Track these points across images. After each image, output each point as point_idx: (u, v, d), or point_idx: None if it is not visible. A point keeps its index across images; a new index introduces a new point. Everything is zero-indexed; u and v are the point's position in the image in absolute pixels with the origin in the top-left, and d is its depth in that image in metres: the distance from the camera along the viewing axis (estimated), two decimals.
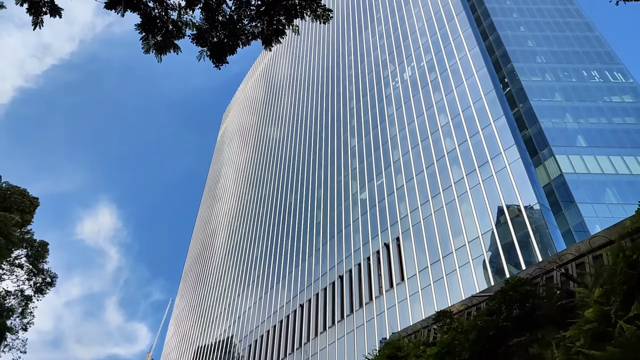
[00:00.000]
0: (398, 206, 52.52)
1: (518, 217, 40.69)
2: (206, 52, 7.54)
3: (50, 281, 39.50)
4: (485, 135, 47.84)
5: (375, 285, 49.77)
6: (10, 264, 40.12)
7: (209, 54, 7.53)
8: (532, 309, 7.41)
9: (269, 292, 69.68)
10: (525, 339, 6.87)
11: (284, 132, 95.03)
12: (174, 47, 7.65)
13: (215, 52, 7.42)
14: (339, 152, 69.06)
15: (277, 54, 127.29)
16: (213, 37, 7.39)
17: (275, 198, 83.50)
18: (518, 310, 7.56)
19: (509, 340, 7.20)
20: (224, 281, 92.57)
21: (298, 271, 64.22)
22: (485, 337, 7.58)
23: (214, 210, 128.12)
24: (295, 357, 56.52)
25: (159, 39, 7.60)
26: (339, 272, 56.07)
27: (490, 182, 44.44)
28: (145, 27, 7.49)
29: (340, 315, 52.44)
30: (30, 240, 40.28)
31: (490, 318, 7.86)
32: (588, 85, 56.80)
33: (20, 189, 37.34)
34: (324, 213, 65.11)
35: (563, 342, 6.17)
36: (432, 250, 45.62)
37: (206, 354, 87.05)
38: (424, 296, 43.38)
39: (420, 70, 61.43)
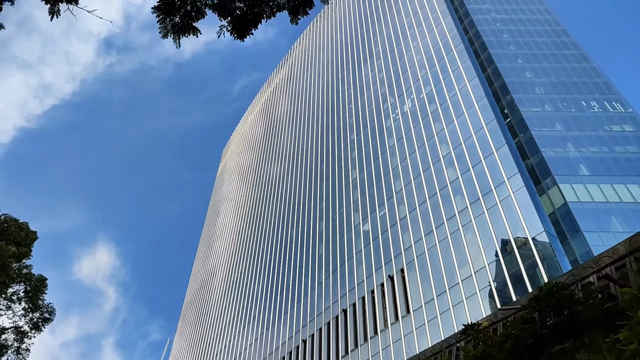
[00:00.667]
0: (401, 237, 51.80)
1: (524, 246, 40.00)
2: (227, 27, 7.16)
3: (48, 317, 38.34)
4: (487, 164, 47.61)
5: (380, 319, 48.53)
6: (8, 300, 39.10)
7: (229, 28, 7.14)
8: (572, 314, 6.84)
9: (271, 328, 68.04)
10: (569, 346, 6.30)
11: (283, 167, 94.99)
12: (192, 30, 7.28)
13: (237, 25, 7.03)
14: (340, 184, 68.73)
15: (278, 88, 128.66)
16: (235, 9, 7.03)
17: (276, 233, 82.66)
18: (556, 317, 6.99)
19: (550, 348, 6.61)
20: (224, 318, 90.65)
21: (300, 306, 62.86)
22: (522, 347, 6.98)
23: (212, 247, 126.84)
24: None
25: (177, 20, 7.24)
26: (342, 306, 54.83)
27: (495, 211, 43.93)
28: (163, 8, 7.14)
29: (344, 350, 50.94)
30: (29, 275, 39.36)
31: (525, 326, 7.29)
32: (588, 115, 57.00)
33: (19, 222, 36.67)
34: (325, 246, 64.24)
35: (614, 345, 5.62)
36: (437, 282, 44.68)
37: None
38: (431, 329, 42.20)
39: (420, 102, 61.75)
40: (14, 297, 39.87)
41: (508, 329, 7.65)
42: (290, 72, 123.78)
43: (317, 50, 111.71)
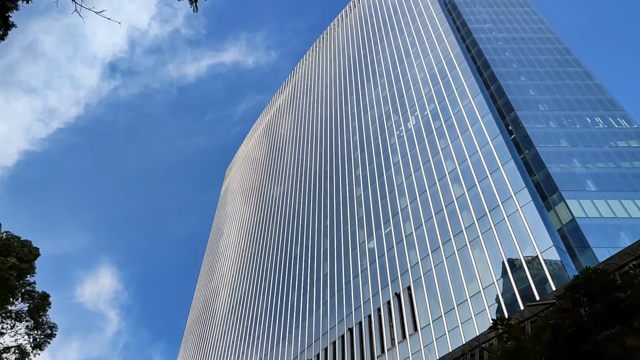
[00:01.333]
0: (408, 254, 51.21)
1: (533, 261, 39.42)
2: None
3: (50, 333, 37.72)
4: (494, 179, 47.29)
5: (388, 338, 47.64)
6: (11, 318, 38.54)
7: None
8: (614, 301, 6.47)
9: (275, 349, 66.92)
10: (616, 332, 5.92)
11: (287, 186, 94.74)
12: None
13: None
14: (344, 202, 68.33)
15: (280, 110, 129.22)
16: None
17: (279, 252, 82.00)
18: (596, 305, 6.61)
19: (593, 336, 6.22)
20: (227, 339, 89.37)
21: (305, 325, 61.90)
22: (562, 336, 6.57)
23: (215, 268, 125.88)
24: None
25: None
26: (348, 325, 53.94)
27: (503, 226, 43.44)
28: None
29: None
30: (32, 292, 38.88)
31: (565, 314, 6.88)
32: (593, 132, 56.87)
33: (21, 239, 36.30)
34: (330, 264, 63.57)
35: None
36: (445, 299, 43.96)
37: None
38: (440, 346, 41.34)
39: (424, 119, 61.74)
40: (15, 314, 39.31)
41: (546, 319, 7.23)
42: (293, 93, 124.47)
43: (320, 70, 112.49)
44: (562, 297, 7.39)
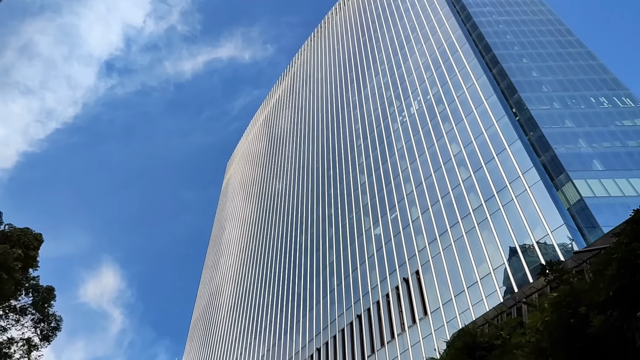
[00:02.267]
0: (415, 239, 50.73)
1: (544, 240, 38.96)
2: None
3: (56, 325, 37.27)
4: (500, 160, 46.77)
5: (397, 323, 47.24)
6: (16, 313, 38.10)
7: None
8: None
9: (283, 339, 66.58)
10: None
11: (289, 178, 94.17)
12: None
13: None
14: (349, 190, 67.83)
15: (278, 102, 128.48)
16: None
17: (283, 243, 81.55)
18: None
19: None
20: (233, 333, 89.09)
21: (313, 314, 61.52)
22: (632, 268, 6.06)
23: (219, 264, 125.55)
24: None
25: None
26: (356, 312, 53.55)
27: (511, 207, 42.95)
28: None
29: (360, 356, 49.56)
30: (36, 285, 38.43)
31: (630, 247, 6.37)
32: (598, 111, 56.34)
33: (22, 228, 35.72)
34: (336, 252, 63.11)
35: None
36: (455, 282, 43.51)
37: None
38: (451, 330, 40.89)
39: (427, 103, 61.13)
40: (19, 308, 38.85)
41: (606, 255, 6.70)
42: (291, 85, 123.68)
43: (318, 60, 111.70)
44: (621, 234, 6.88)
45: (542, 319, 7.18)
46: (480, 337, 9.55)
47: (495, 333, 8.91)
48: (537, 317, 7.22)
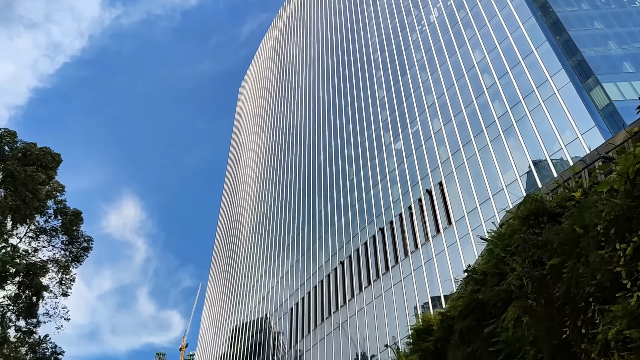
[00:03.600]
0: (437, 151, 49.87)
1: (573, 143, 37.83)
2: None
3: (86, 245, 37.98)
4: (527, 64, 44.74)
5: (421, 233, 47.43)
6: (46, 234, 38.73)
7: None
8: None
9: (305, 255, 67.90)
10: None
11: (303, 98, 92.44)
12: None
13: None
14: (367, 106, 66.36)
15: (288, 21, 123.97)
16: None
17: (302, 162, 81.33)
18: None
19: None
20: (256, 254, 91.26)
21: (334, 230, 62.19)
22: None
23: (237, 188, 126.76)
24: (343, 312, 54.80)
25: None
26: (379, 225, 53.84)
27: (539, 112, 41.50)
28: None
29: (384, 267, 50.34)
30: (64, 209, 38.82)
31: None
32: (629, 11, 53.19)
33: (38, 146, 35.48)
34: (356, 170, 62.75)
35: None
36: (480, 190, 43.02)
37: (242, 332, 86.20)
38: (476, 238, 40.90)
39: (447, 10, 58.09)
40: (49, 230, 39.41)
41: None
42: (300, 2, 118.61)
43: None
44: None
45: (634, 163, 6.33)
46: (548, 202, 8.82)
47: (566, 195, 8.18)
48: (629, 161, 6.38)
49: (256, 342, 78.53)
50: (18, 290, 33.60)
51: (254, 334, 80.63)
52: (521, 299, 7.76)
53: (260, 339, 77.47)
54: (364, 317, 50.49)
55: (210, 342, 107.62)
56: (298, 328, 64.04)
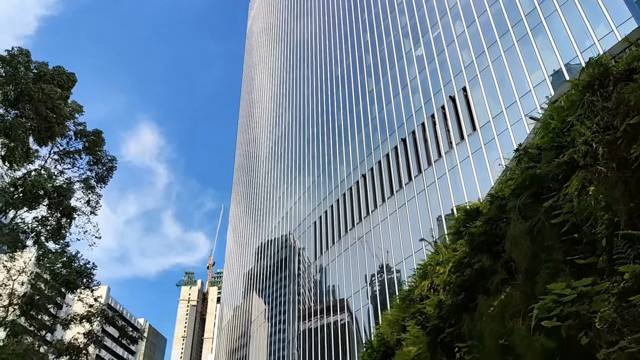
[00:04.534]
0: (460, 55, 47.78)
1: (609, 36, 35.62)
2: None
3: (110, 165, 38.08)
4: None
5: (444, 141, 46.56)
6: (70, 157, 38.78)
7: None
8: None
9: (326, 171, 67.93)
10: None
11: (319, 5, 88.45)
12: None
13: None
14: (385, 12, 63.18)
15: None
16: None
17: (319, 75, 79.33)
18: None
19: None
20: (274, 174, 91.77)
21: (355, 143, 61.56)
22: None
23: (254, 106, 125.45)
24: (366, 223, 55.51)
25: None
26: (400, 136, 52.97)
27: (570, 6, 38.90)
28: None
29: (407, 177, 50.03)
30: (84, 131, 38.58)
31: None
32: None
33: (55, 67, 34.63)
34: (375, 80, 60.95)
35: None
36: (505, 94, 41.49)
37: (266, 250, 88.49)
38: (502, 141, 40.01)
39: None
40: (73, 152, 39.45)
41: None
42: None
43: None
44: None
45: None
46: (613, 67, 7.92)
47: (638, 54, 7.27)
48: None
49: (280, 258, 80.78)
50: (47, 212, 34.15)
51: (278, 250, 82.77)
52: (587, 168, 7.15)
53: (284, 255, 79.58)
54: (387, 227, 50.97)
55: (236, 260, 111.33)
56: (322, 242, 65.32)
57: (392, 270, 49.31)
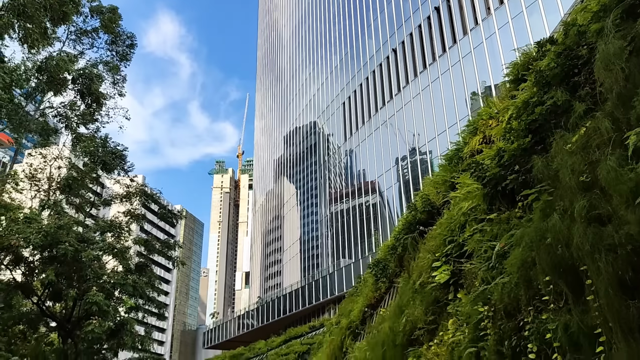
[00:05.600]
0: None
1: None
2: None
3: (130, 42, 36.70)
4: None
5: (482, 7, 43.11)
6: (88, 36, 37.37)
7: None
8: None
9: (355, 46, 64.97)
10: None
11: None
12: None
13: None
14: None
15: None
16: None
17: None
18: None
19: None
20: (298, 58, 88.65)
21: (384, 15, 57.92)
22: None
23: None
24: (398, 101, 54.00)
25: None
26: (433, 4, 49.27)
27: None
28: None
29: (441, 48, 47.31)
30: (99, 7, 36.70)
31: None
32: None
33: None
34: None
35: None
36: None
37: (294, 137, 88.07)
38: (545, 2, 36.68)
39: None
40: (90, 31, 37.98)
41: None
42: None
43: None
44: None
45: None
46: None
47: None
48: None
49: (308, 144, 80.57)
50: (75, 96, 33.60)
51: (305, 137, 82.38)
52: None
53: (313, 141, 79.24)
54: (420, 103, 49.34)
55: (265, 148, 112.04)
56: (351, 124, 64.38)
57: (422, 150, 48.53)
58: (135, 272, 32.00)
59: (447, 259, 10.34)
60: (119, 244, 31.12)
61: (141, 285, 30.69)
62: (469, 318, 8.01)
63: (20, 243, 23.06)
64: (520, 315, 6.85)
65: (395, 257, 13.99)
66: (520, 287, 6.95)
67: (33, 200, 32.64)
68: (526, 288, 6.87)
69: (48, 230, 24.49)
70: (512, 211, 8.62)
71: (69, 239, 25.17)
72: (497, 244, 8.24)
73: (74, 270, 27.41)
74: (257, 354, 44.35)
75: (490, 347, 7.12)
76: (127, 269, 30.60)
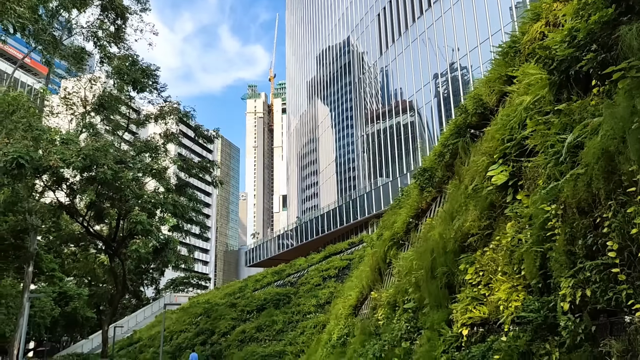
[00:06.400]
0: None
1: None
2: None
3: None
4: None
5: None
6: None
7: None
8: None
9: None
10: None
11: None
12: None
13: None
14: None
15: None
16: None
17: None
18: None
19: None
20: None
21: None
22: None
23: None
24: (437, 9, 50.93)
25: None
26: None
27: None
28: None
29: None
30: None
31: None
32: None
33: None
34: None
35: None
36: None
37: (326, 56, 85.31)
38: None
39: None
40: None
41: None
42: None
43: None
44: None
45: None
46: None
47: None
48: None
49: (342, 63, 78.14)
50: (100, 14, 32.59)
51: (338, 56, 79.75)
52: None
53: (346, 60, 76.73)
54: (461, 11, 46.27)
55: (297, 70, 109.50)
56: (384, 39, 61.58)
57: (462, 64, 46.07)
58: (175, 191, 32.29)
59: (505, 160, 9.37)
60: (156, 164, 31.20)
61: (182, 204, 31.02)
62: (531, 219, 7.24)
63: (59, 164, 23.17)
64: (597, 211, 6.00)
65: (443, 164, 13.12)
66: (599, 180, 6.03)
67: (70, 123, 32.73)
68: (606, 181, 5.96)
69: (86, 152, 24.53)
70: (585, 99, 7.49)
71: (107, 161, 25.23)
72: (569, 135, 7.19)
73: (114, 190, 27.74)
74: (298, 270, 45.33)
75: (559, 248, 6.36)
76: (167, 188, 30.85)
